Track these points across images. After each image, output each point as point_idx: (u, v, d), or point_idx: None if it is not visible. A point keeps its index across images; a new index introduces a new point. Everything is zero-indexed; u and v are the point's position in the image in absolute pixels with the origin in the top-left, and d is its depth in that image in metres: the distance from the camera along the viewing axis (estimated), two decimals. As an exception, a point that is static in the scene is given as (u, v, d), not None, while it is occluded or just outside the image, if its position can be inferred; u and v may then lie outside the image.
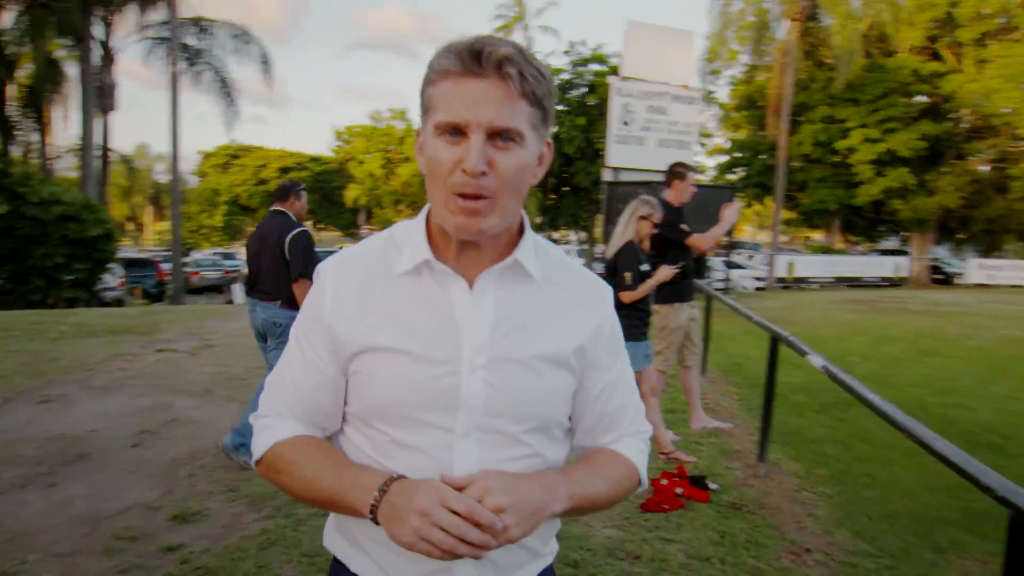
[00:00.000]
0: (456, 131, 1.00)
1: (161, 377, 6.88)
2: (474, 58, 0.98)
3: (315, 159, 57.49)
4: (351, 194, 52.09)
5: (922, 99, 26.51)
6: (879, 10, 25.18)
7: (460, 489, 0.99)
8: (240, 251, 31.59)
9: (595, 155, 26.12)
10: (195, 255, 33.37)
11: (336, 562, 1.20)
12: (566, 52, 29.35)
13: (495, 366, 1.07)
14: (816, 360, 3.77)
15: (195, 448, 4.78)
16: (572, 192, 29.12)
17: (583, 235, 32.15)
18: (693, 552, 3.42)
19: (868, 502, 4.24)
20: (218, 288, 26.15)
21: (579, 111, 27.54)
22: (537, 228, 38.77)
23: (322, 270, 1.14)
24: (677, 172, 5.10)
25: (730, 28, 27.50)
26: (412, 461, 1.07)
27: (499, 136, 1.00)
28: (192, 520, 3.64)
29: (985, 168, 27.74)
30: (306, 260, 4.53)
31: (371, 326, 1.07)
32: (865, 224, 30.77)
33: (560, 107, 30.35)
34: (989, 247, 30.38)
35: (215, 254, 32.84)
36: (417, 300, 1.08)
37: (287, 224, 4.63)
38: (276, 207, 4.78)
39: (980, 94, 24.58)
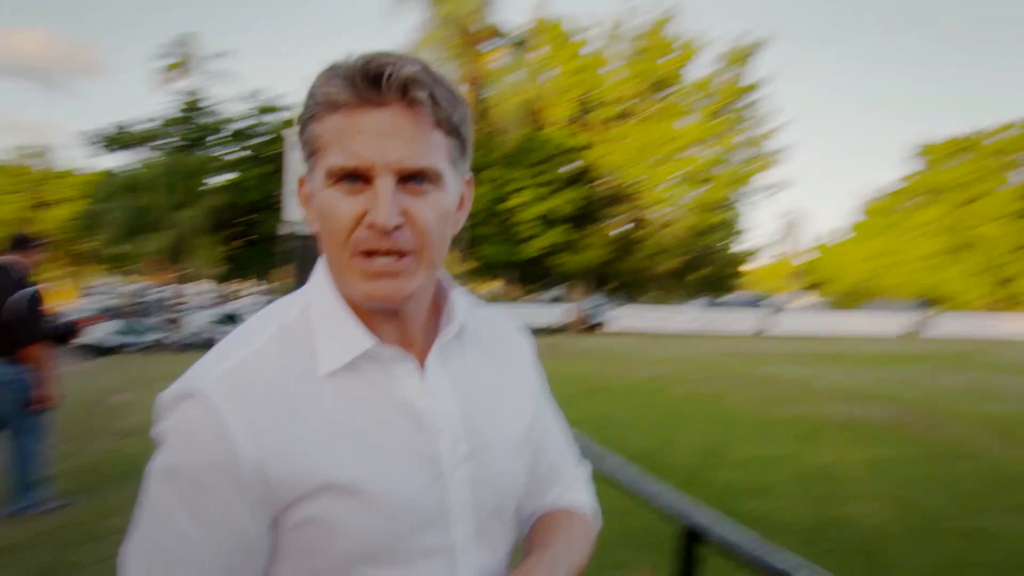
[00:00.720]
0: (355, 177, 0.78)
1: None
2: (371, 83, 0.77)
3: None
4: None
5: (575, 166, 30.67)
6: (530, 88, 28.94)
7: None
8: None
9: (278, 206, 25.52)
10: None
11: None
12: (246, 98, 28.33)
13: (477, 457, 0.89)
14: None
15: None
16: (255, 242, 27.84)
17: (266, 286, 30.77)
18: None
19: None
20: None
21: (261, 160, 26.67)
22: (219, 279, 36.27)
23: (198, 392, 0.79)
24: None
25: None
26: None
27: (412, 179, 0.79)
28: None
29: (626, 228, 32.78)
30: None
31: (317, 454, 0.79)
32: (535, 275, 34.25)
33: (243, 153, 29.04)
34: (632, 296, 35.70)
35: None
36: (363, 402, 0.84)
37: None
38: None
39: (613, 166, 29.34)
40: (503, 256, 30.24)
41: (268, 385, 0.80)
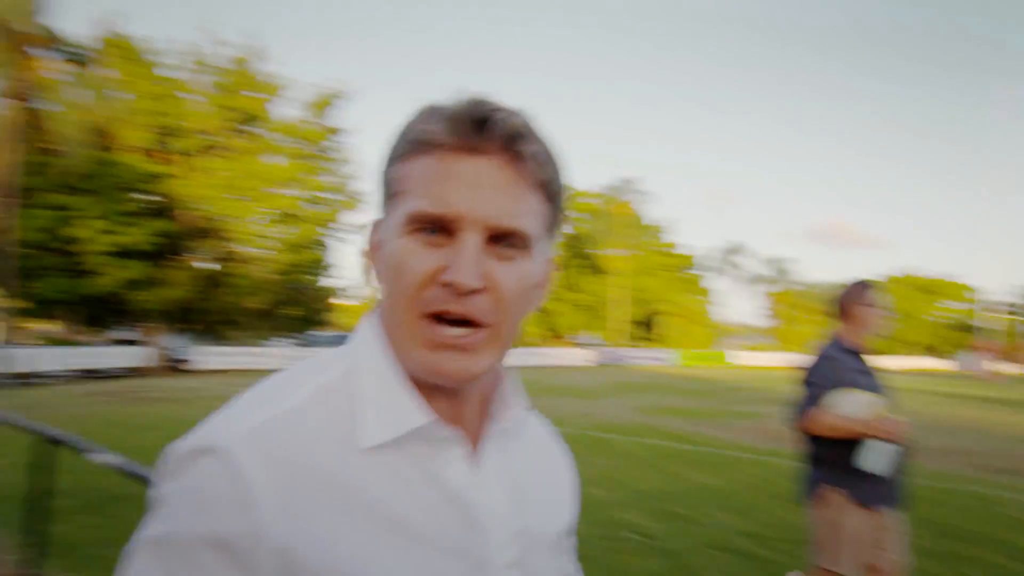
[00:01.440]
0: (438, 228, 0.70)
1: None
2: (476, 127, 0.70)
3: None
4: None
5: (154, 197, 28.58)
6: (101, 106, 26.30)
7: None
8: None
9: None
10: None
11: None
12: None
13: (527, 560, 0.79)
14: (108, 458, 3.59)
15: None
16: None
17: None
18: None
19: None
20: None
21: None
22: None
23: (219, 448, 0.66)
24: None
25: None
26: None
27: (501, 240, 0.71)
28: None
29: (212, 265, 31.47)
30: None
31: (354, 544, 0.67)
32: (107, 313, 30.67)
33: None
34: (220, 335, 34.26)
35: None
36: (408, 487, 0.72)
37: None
38: None
39: (198, 199, 28.22)
40: (65, 291, 26.58)
41: (304, 452, 0.68)
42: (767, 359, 47.06)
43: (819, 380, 3.39)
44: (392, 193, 0.75)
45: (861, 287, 3.53)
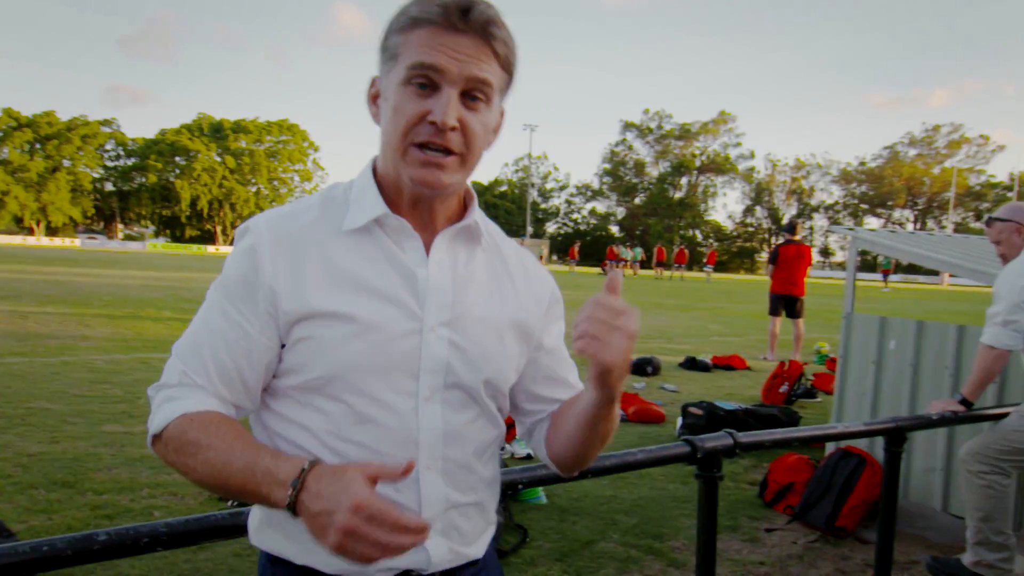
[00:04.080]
0: (427, 84, 0.98)
1: None
2: (461, 14, 0.97)
3: None
4: None
5: None
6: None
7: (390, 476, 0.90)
8: None
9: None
10: None
11: (269, 558, 1.08)
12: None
13: (459, 325, 1.05)
14: None
15: None
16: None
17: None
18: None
19: None
20: None
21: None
22: None
23: (252, 228, 1.04)
24: None
25: None
26: (375, 431, 1.01)
27: (470, 94, 0.99)
28: None
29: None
30: None
31: (320, 288, 1.00)
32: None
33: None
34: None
35: None
36: (370, 258, 1.04)
37: None
38: None
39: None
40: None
41: (300, 232, 1.02)
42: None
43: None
44: (392, 55, 1.01)
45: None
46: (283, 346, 1.02)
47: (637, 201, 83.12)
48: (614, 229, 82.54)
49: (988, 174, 75.05)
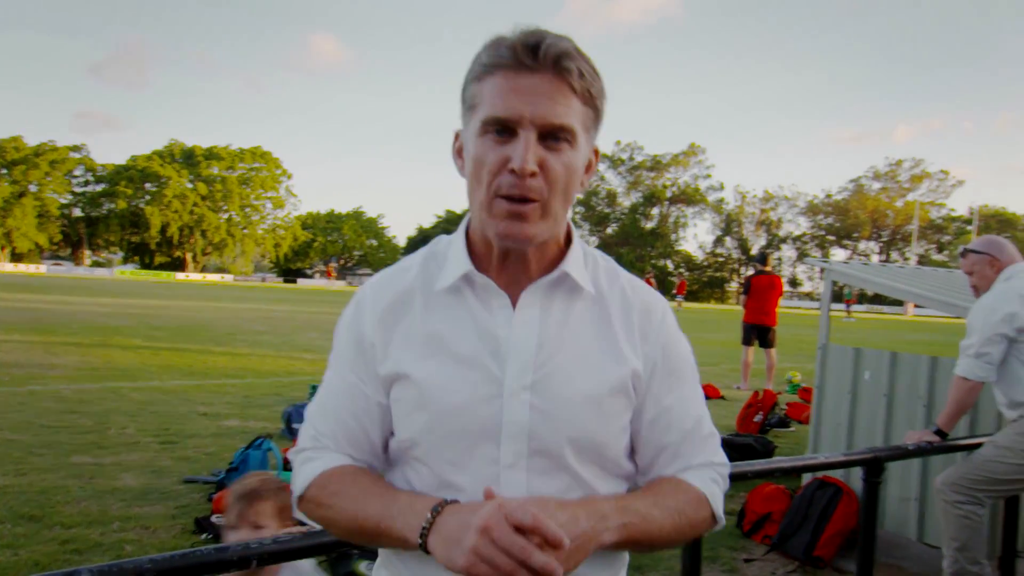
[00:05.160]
0: (504, 129, 0.94)
1: None
2: (530, 52, 0.93)
3: None
4: None
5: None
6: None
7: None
8: None
9: None
10: None
11: None
12: None
13: (543, 387, 0.99)
14: None
15: None
16: None
17: None
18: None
19: None
20: None
21: None
22: None
23: (360, 290, 1.10)
24: None
25: None
26: (458, 497, 0.96)
27: (551, 135, 0.94)
28: None
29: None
30: None
31: (407, 351, 1.02)
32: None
33: None
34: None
35: None
36: (456, 319, 1.02)
37: None
38: None
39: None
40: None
41: (398, 291, 1.05)
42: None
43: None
44: (470, 106, 0.99)
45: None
46: None
47: (609, 231, 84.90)
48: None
49: (948, 208, 78.75)
